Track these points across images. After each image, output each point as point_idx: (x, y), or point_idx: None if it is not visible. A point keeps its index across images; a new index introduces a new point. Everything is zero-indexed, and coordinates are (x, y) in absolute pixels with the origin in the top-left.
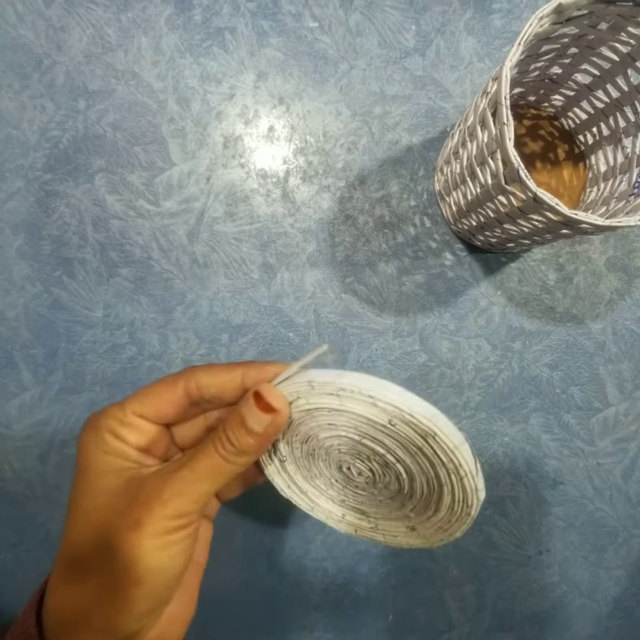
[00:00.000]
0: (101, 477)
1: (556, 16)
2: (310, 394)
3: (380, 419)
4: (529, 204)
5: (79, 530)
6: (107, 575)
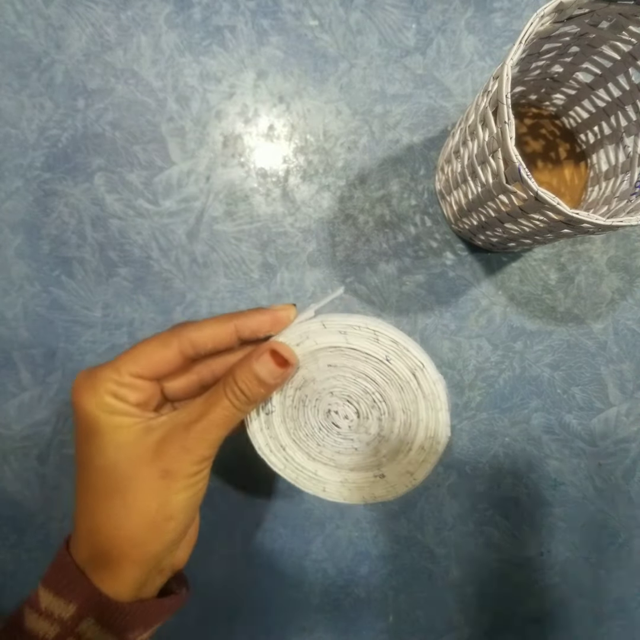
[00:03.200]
0: (112, 435)
1: (557, 15)
2: (320, 334)
3: (379, 354)
4: (531, 203)
5: (96, 487)
6: (138, 516)
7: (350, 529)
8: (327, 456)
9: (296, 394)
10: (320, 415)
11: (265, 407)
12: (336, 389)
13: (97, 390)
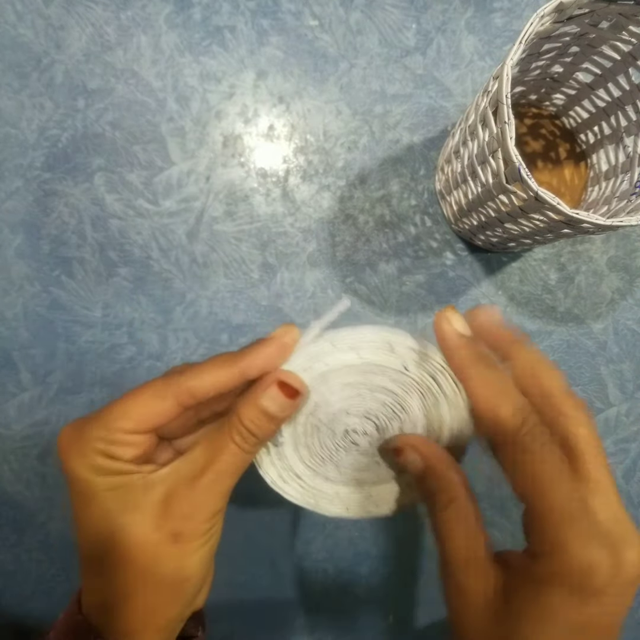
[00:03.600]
0: (111, 499)
1: (557, 15)
2: (330, 353)
3: (396, 365)
4: (530, 203)
5: (101, 559)
6: (153, 585)
7: (350, 529)
8: (348, 475)
9: (308, 420)
10: (337, 437)
11: (274, 439)
12: (352, 407)
13: (86, 451)
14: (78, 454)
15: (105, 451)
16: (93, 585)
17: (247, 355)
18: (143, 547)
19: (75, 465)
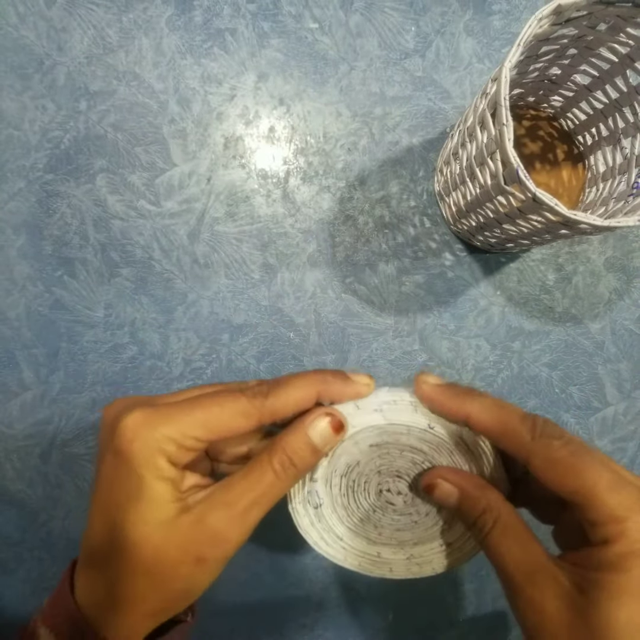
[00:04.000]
0: (151, 507)
1: (555, 17)
2: (355, 416)
3: (421, 424)
4: (528, 205)
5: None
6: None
7: None
8: (387, 536)
9: (342, 482)
10: (372, 497)
11: (312, 501)
12: (383, 467)
13: (153, 448)
14: (144, 446)
15: (171, 455)
16: (93, 582)
17: (326, 383)
18: (164, 562)
19: (137, 456)
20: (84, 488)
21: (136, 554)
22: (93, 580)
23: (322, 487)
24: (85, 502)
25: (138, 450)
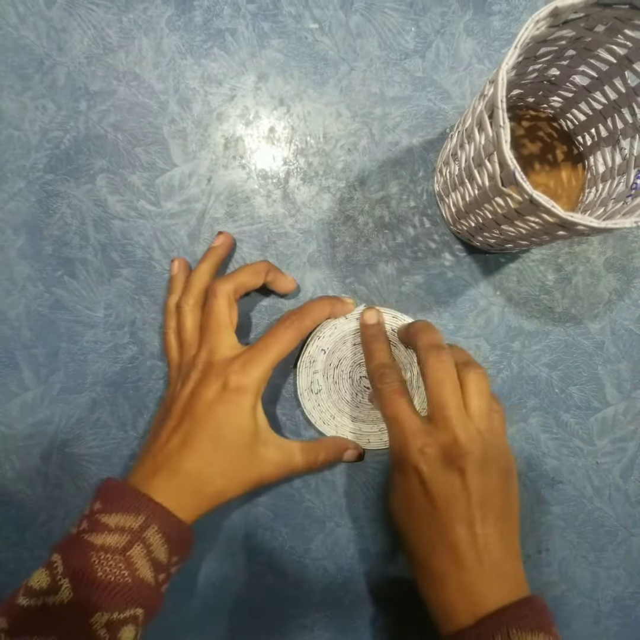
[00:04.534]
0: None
1: (553, 19)
2: (344, 323)
3: (386, 328)
4: (526, 206)
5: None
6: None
7: (350, 527)
8: (365, 414)
9: (335, 372)
10: (354, 383)
11: (314, 389)
12: (361, 360)
13: (255, 388)
14: (249, 380)
15: (262, 381)
16: (178, 463)
17: (333, 305)
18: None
19: (247, 385)
20: (84, 488)
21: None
22: (173, 466)
23: (320, 377)
24: (85, 502)
25: (245, 389)
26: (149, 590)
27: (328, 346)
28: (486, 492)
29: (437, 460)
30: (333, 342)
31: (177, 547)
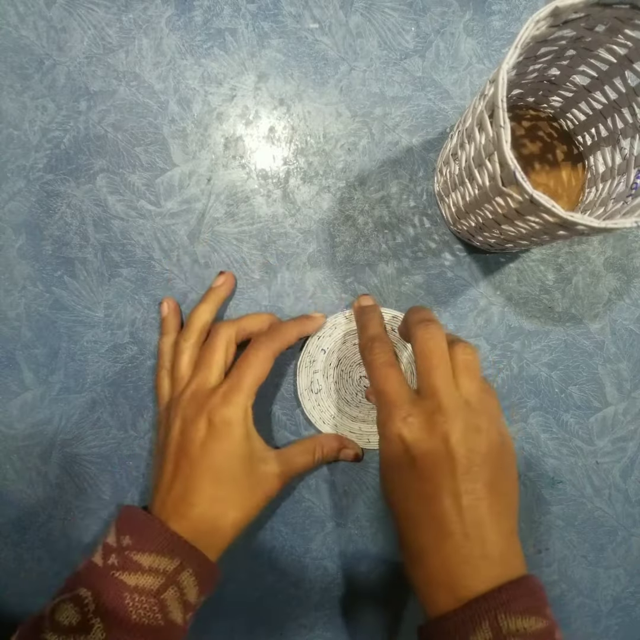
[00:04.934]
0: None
1: (553, 19)
2: (344, 323)
3: (386, 328)
4: (526, 206)
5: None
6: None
7: (350, 527)
8: (365, 413)
9: (335, 372)
10: (354, 382)
11: (314, 388)
12: (361, 360)
13: (239, 407)
14: (233, 408)
15: (246, 407)
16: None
17: (303, 325)
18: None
19: (232, 415)
20: (84, 488)
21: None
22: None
23: (320, 377)
24: (85, 502)
25: (232, 409)
26: (177, 631)
27: (328, 346)
28: (473, 462)
29: (421, 428)
30: (333, 342)
31: (206, 587)
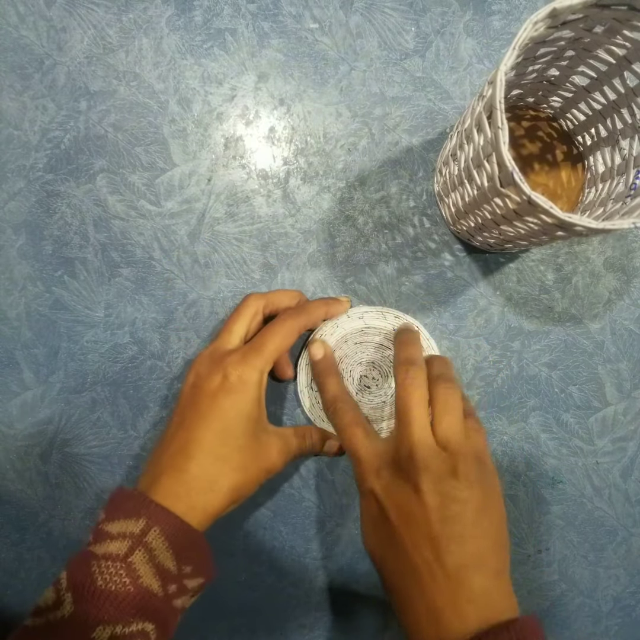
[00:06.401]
0: (256, 391)
1: (551, 20)
2: (346, 322)
3: (388, 328)
4: (524, 207)
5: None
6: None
7: (350, 527)
8: (365, 413)
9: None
10: (355, 382)
11: (314, 387)
12: (363, 359)
13: (254, 369)
14: (250, 368)
15: (263, 370)
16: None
17: (329, 305)
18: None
19: (249, 374)
20: (84, 488)
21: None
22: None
23: None
24: (85, 502)
25: (248, 371)
26: (156, 602)
27: (329, 344)
28: (448, 507)
29: (393, 478)
30: (335, 341)
31: (185, 553)
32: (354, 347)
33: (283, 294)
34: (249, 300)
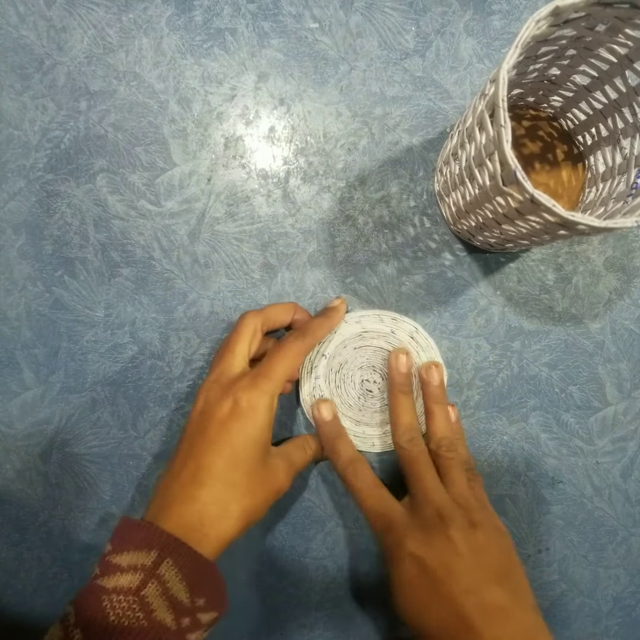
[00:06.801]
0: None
1: (553, 19)
2: (343, 327)
3: (386, 330)
4: (526, 205)
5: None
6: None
7: (350, 527)
8: (368, 417)
9: (336, 377)
10: (356, 386)
11: (316, 394)
12: (363, 364)
13: (264, 394)
14: (260, 393)
15: (273, 395)
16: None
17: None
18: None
19: (259, 399)
20: (84, 488)
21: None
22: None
23: (322, 382)
24: (85, 502)
25: (257, 396)
26: (170, 637)
27: (328, 351)
28: (480, 553)
29: (425, 537)
30: (334, 347)
31: (198, 584)
32: (354, 352)
33: (279, 308)
34: (246, 319)
